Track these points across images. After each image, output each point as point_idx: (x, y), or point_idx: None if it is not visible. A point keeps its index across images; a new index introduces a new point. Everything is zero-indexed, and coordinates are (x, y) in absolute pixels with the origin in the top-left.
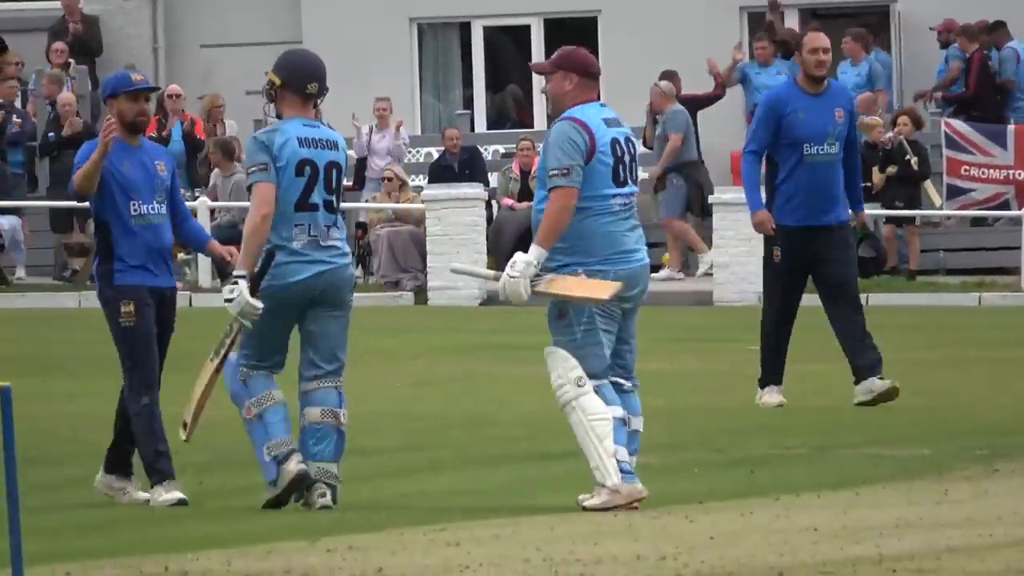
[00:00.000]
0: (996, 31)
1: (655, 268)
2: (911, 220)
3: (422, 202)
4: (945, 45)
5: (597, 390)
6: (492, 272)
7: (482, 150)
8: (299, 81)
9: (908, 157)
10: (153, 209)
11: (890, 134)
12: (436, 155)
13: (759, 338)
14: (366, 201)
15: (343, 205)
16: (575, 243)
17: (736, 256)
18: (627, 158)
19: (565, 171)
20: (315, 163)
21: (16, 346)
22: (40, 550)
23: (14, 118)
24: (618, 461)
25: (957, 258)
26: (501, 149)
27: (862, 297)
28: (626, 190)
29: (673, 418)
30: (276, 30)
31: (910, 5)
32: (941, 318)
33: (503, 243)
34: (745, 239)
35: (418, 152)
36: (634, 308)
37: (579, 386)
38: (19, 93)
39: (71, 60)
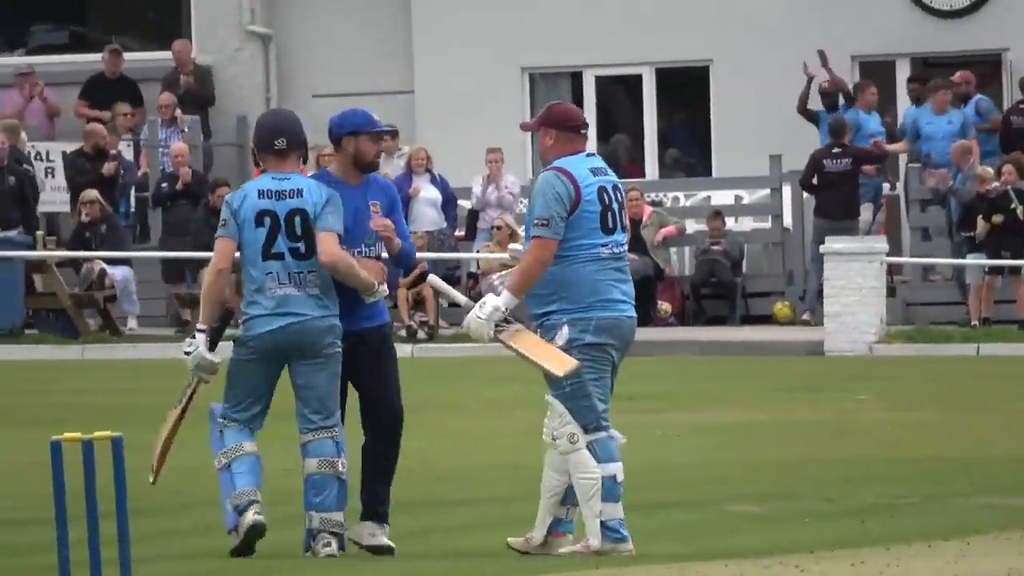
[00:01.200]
0: None
1: None
2: (1016, 270)
3: None
4: None
5: (592, 445)
6: (464, 299)
7: None
8: (267, 140)
9: (1014, 206)
10: (361, 252)
11: (996, 183)
12: None
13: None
14: (477, 251)
15: (456, 255)
16: (559, 290)
17: (847, 306)
18: (615, 206)
19: (545, 222)
20: (275, 213)
21: (127, 396)
22: None
23: (122, 169)
24: (605, 521)
25: None
26: None
27: (972, 346)
28: (614, 238)
29: (783, 468)
30: (388, 80)
31: (1022, 54)
32: None
33: None
34: (856, 288)
35: (526, 202)
36: (619, 362)
37: (572, 443)
38: (131, 143)
39: (179, 111)
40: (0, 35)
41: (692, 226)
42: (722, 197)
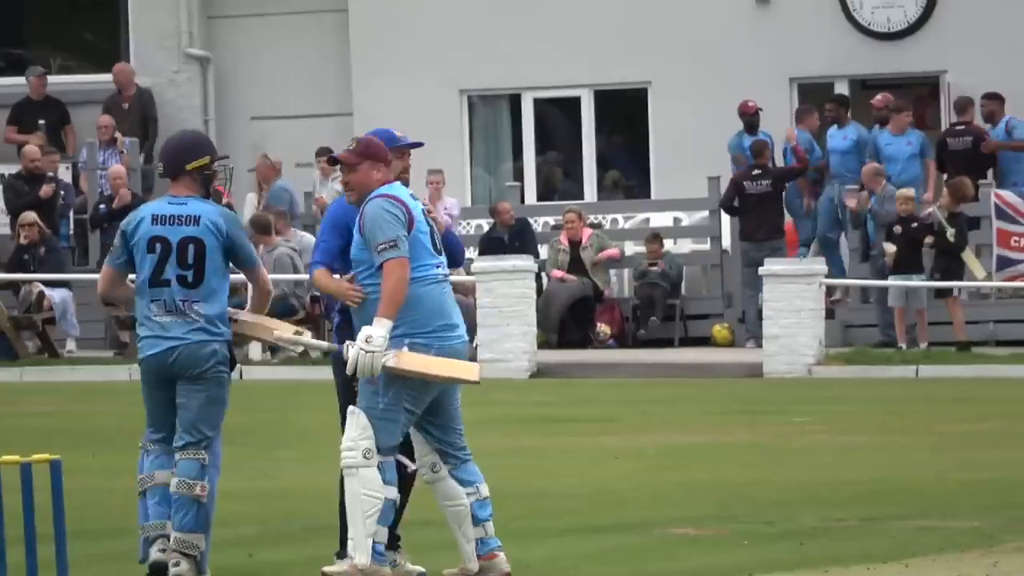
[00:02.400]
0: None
1: None
2: (949, 292)
3: (472, 274)
4: (988, 117)
5: (380, 466)
6: (324, 344)
7: (532, 222)
8: (160, 164)
9: (941, 229)
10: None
11: (931, 209)
12: (487, 227)
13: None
14: None
15: None
16: (402, 313)
17: (786, 327)
18: (434, 228)
19: (393, 243)
20: (167, 240)
21: (66, 419)
22: None
23: (60, 191)
24: (375, 543)
25: (1007, 329)
26: (551, 221)
27: (911, 368)
28: (442, 259)
29: (723, 490)
30: (327, 102)
31: (960, 76)
32: (991, 390)
33: (552, 315)
34: (795, 311)
35: (468, 224)
36: (455, 388)
37: (366, 458)
38: (70, 166)
39: (119, 134)
40: None
41: (631, 248)
42: (661, 219)
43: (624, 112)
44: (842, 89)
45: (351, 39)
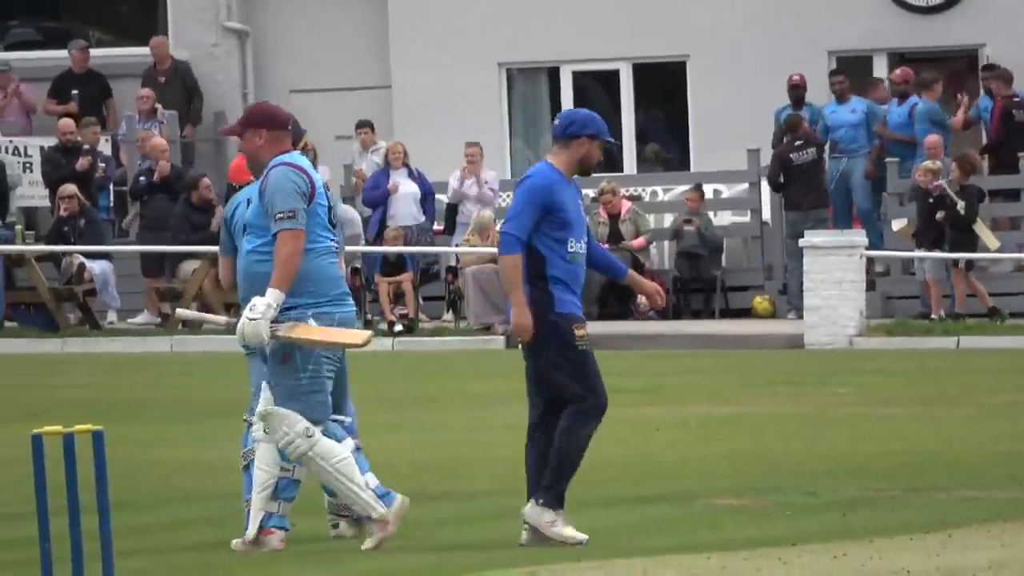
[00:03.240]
0: None
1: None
2: (969, 264)
3: None
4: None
5: (324, 433)
6: (222, 319)
7: None
8: None
9: (952, 202)
10: (582, 247)
11: (940, 181)
12: None
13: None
14: (456, 245)
15: (435, 249)
16: (302, 284)
17: (827, 299)
18: (330, 203)
19: (291, 214)
20: None
21: (108, 390)
22: None
23: (99, 163)
24: (372, 489)
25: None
26: (590, 193)
27: (952, 339)
28: (335, 234)
29: (765, 461)
30: (365, 75)
31: (999, 49)
32: None
33: (593, 287)
34: (836, 282)
35: (508, 197)
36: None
37: (308, 436)
38: (110, 138)
39: (159, 106)
40: None
41: (670, 220)
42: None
43: (662, 85)
44: (880, 63)
45: (389, 12)
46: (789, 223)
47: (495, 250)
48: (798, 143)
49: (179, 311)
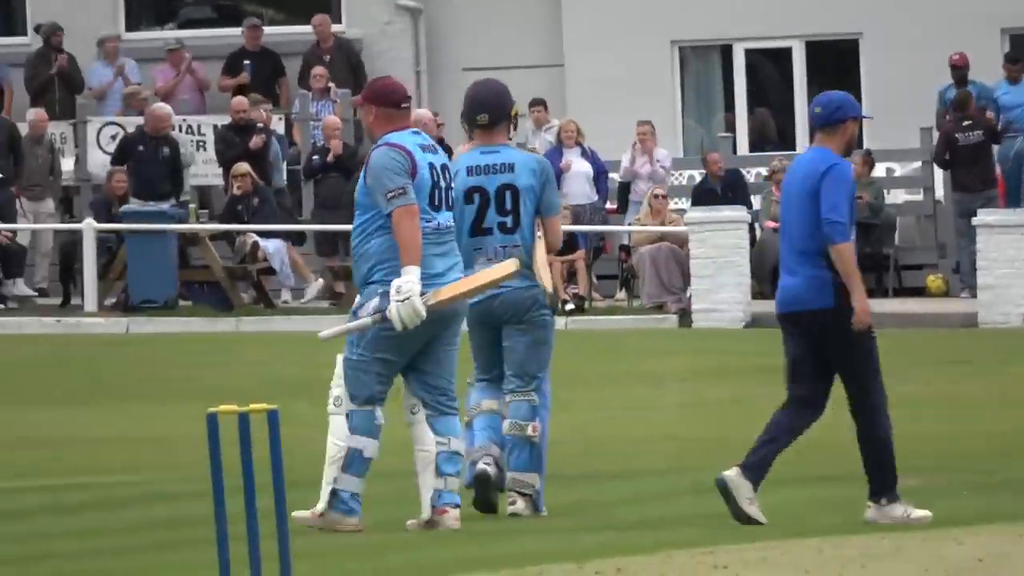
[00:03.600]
0: None
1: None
2: None
3: (685, 225)
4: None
5: (351, 415)
6: (367, 320)
7: (744, 172)
8: (470, 115)
9: None
10: None
11: None
12: (698, 178)
13: None
14: (629, 224)
15: (610, 228)
16: (382, 260)
17: (1001, 278)
18: (443, 184)
19: (401, 190)
20: (485, 189)
21: (282, 369)
22: (308, 573)
23: (272, 142)
24: (338, 490)
25: None
26: (763, 171)
27: None
28: (440, 216)
29: (940, 440)
30: (538, 53)
31: None
32: None
33: (765, 265)
34: (1009, 261)
35: (680, 175)
36: (446, 338)
37: (336, 405)
38: (283, 117)
39: (332, 84)
40: (150, 10)
41: None
42: (873, 170)
43: (835, 63)
44: None
45: None
46: (956, 202)
47: (667, 229)
48: (966, 123)
49: (321, 335)
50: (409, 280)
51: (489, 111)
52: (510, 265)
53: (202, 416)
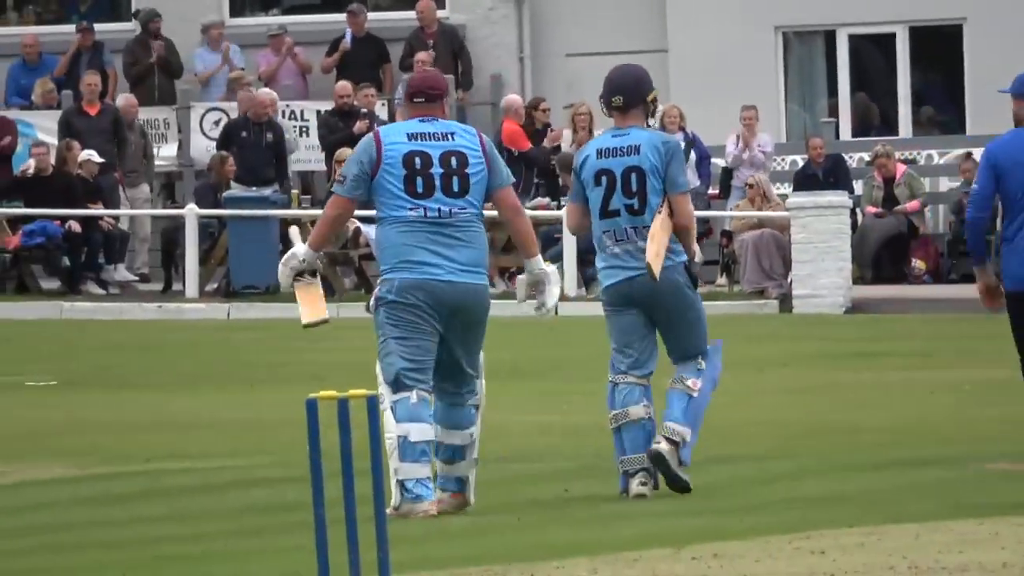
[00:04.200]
0: None
1: None
2: None
3: (787, 210)
4: None
5: (394, 405)
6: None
7: (847, 158)
8: (607, 97)
9: None
10: None
11: None
12: (801, 163)
13: None
14: (731, 209)
15: (712, 214)
16: (378, 251)
17: None
18: (437, 171)
19: (341, 179)
20: (612, 171)
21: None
22: (407, 558)
23: (376, 127)
24: (403, 480)
25: None
26: (866, 157)
27: None
28: (427, 202)
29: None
30: (642, 39)
31: None
32: None
33: (867, 250)
34: None
35: (783, 160)
36: (464, 324)
37: (381, 403)
38: (385, 103)
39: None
40: None
41: (946, 183)
42: (977, 156)
43: (939, 48)
44: None
45: None
46: None
47: (768, 214)
48: None
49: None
50: (292, 253)
51: (624, 94)
52: (311, 319)
53: (302, 402)
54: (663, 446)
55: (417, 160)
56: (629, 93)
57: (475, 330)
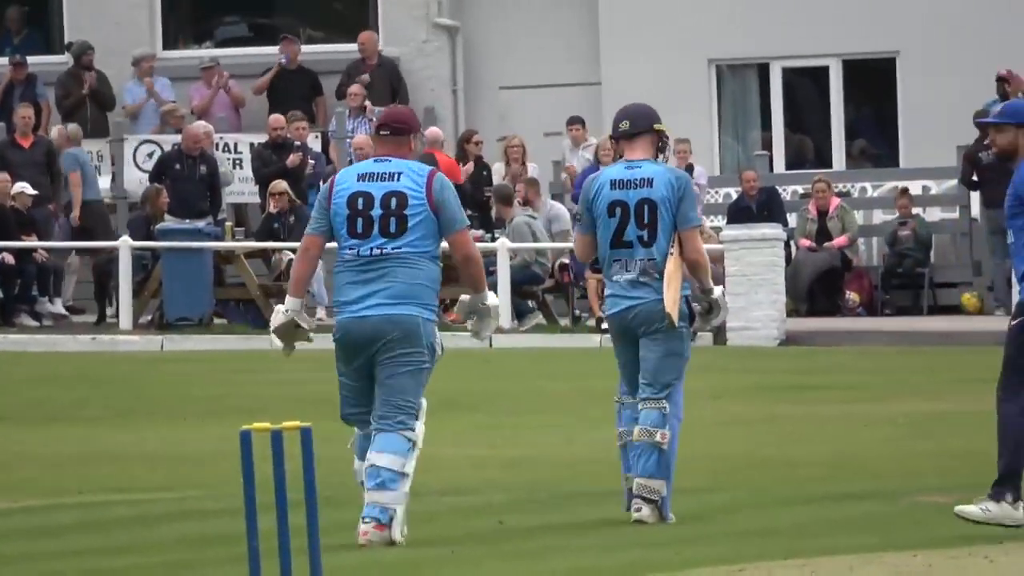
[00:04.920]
0: None
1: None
2: None
3: (720, 243)
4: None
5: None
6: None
7: (780, 191)
8: (614, 125)
9: None
10: None
11: None
12: (735, 196)
13: None
14: None
15: None
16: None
17: None
18: (377, 211)
19: (311, 219)
20: (626, 203)
21: (316, 387)
22: None
23: (310, 159)
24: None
25: None
26: (800, 190)
27: None
28: (364, 243)
29: (974, 458)
30: (575, 72)
31: None
32: None
33: (801, 283)
34: None
35: (717, 192)
36: (385, 354)
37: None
38: (319, 135)
39: (368, 103)
40: (188, 29)
41: (879, 216)
42: (910, 188)
43: (872, 82)
44: None
45: (600, 8)
46: (988, 220)
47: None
48: (987, 141)
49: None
50: (281, 309)
51: (631, 119)
52: (275, 343)
53: (236, 434)
54: (644, 513)
55: (360, 201)
56: (636, 119)
57: (396, 360)
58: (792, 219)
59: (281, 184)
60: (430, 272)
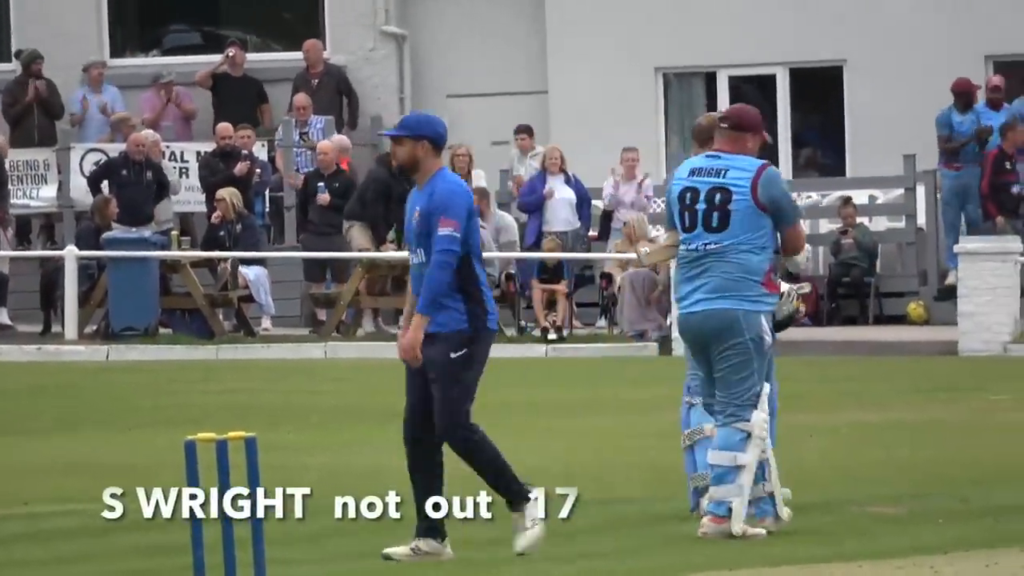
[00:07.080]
0: None
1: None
2: None
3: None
4: None
5: None
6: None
7: None
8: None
9: None
10: None
11: None
12: None
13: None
14: (610, 251)
15: (593, 256)
16: None
17: (981, 305)
18: (700, 207)
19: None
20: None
21: (261, 397)
22: None
23: (256, 169)
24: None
25: None
26: None
27: None
28: (691, 238)
29: (917, 468)
30: (523, 81)
31: None
32: None
33: None
34: (990, 288)
35: (663, 202)
36: (713, 355)
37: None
38: (265, 144)
39: (313, 116)
40: (135, 37)
41: (825, 225)
42: (856, 197)
43: (819, 90)
44: None
45: (547, 17)
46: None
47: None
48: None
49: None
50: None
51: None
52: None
53: (181, 444)
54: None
55: (688, 196)
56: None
57: (723, 354)
58: None
59: (222, 192)
60: (751, 264)
